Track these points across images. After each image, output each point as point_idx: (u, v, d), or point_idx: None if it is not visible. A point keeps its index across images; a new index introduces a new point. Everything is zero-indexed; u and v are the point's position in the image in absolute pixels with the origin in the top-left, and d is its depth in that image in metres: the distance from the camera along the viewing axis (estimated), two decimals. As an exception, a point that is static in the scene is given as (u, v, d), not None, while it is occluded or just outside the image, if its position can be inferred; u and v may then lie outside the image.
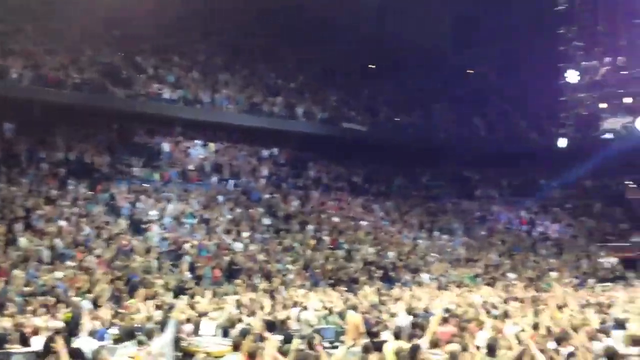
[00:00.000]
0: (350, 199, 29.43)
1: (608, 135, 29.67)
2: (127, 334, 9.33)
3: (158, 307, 12.76)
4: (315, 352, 7.48)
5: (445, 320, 10.92)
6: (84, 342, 9.01)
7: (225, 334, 11.29)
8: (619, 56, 23.57)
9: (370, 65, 36.72)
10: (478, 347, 8.27)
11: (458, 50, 36.87)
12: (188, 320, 11.76)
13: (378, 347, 8.88)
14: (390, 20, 34.06)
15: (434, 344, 8.88)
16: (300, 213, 25.93)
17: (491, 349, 7.75)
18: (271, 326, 11.53)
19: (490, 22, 34.35)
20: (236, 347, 8.02)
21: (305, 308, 13.28)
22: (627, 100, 25.44)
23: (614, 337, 9.01)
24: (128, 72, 26.70)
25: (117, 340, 9.80)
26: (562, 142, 29.16)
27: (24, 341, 10.20)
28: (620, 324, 10.11)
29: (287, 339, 9.06)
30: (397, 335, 9.28)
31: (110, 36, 28.19)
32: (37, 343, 9.75)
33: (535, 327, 9.47)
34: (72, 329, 10.92)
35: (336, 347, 9.33)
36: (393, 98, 35.31)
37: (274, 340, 8.55)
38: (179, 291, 16.12)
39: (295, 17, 31.85)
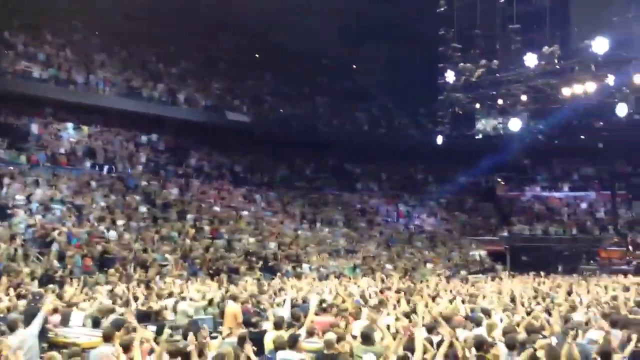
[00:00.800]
0: (232, 188, 28.98)
1: (481, 135, 31.44)
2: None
3: (22, 297, 11.83)
4: (197, 343, 7.12)
5: (323, 310, 10.86)
6: None
7: (96, 324, 10.61)
8: (494, 59, 24.83)
9: (255, 56, 36.34)
10: (354, 337, 8.24)
11: (343, 46, 37.32)
12: (56, 311, 10.94)
13: (256, 337, 8.63)
14: (276, 13, 33.83)
15: (312, 333, 8.77)
16: (179, 201, 25.15)
17: (366, 338, 7.73)
18: (146, 317, 10.96)
19: (375, 20, 35.05)
20: (107, 338, 7.66)
21: (182, 298, 12.78)
22: (500, 101, 26.92)
23: (483, 326, 9.31)
24: (-6, 48, 24.66)
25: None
26: (439, 139, 30.42)
27: None
28: (486, 314, 10.51)
29: (161, 330, 8.62)
30: (277, 325, 9.08)
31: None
32: None
33: (409, 316, 9.60)
34: None
35: (214, 338, 8.98)
36: (278, 90, 35.17)
37: (147, 331, 8.11)
38: (46, 280, 15.05)
39: (179, 2, 30.83)
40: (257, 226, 25.52)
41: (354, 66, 39.46)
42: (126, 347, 7.06)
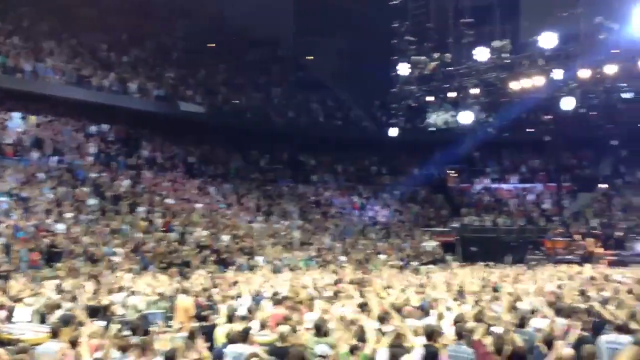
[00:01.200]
0: (185, 180, 28.61)
1: (434, 128, 31.87)
2: None
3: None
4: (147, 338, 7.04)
5: (277, 303, 10.85)
6: None
7: (43, 320, 10.36)
8: (446, 52, 25.16)
9: (209, 45, 35.88)
10: (308, 329, 8.27)
11: (298, 37, 37.29)
12: (1, 307, 10.64)
13: (208, 331, 8.58)
14: (231, 2, 33.52)
15: (265, 326, 8.77)
16: (130, 194, 24.69)
17: (319, 329, 7.78)
18: (94, 312, 10.74)
19: (330, 11, 35.10)
20: (55, 334, 7.54)
21: (132, 293, 12.58)
22: (452, 94, 27.31)
23: (433, 316, 9.48)
24: None
25: None
26: (393, 132, 30.69)
27: None
28: (436, 304, 10.68)
29: (111, 326, 8.47)
30: (229, 319, 9.04)
31: None
32: None
33: (362, 307, 9.69)
34: None
35: (166, 332, 8.87)
36: (232, 80, 34.85)
37: (95, 326, 7.96)
38: (-10, 275, 14.61)
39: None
40: (211, 219, 25.31)
41: (309, 57, 39.40)
42: (74, 343, 6.96)
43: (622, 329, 7.31)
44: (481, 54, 23.42)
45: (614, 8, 20.18)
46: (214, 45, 35.89)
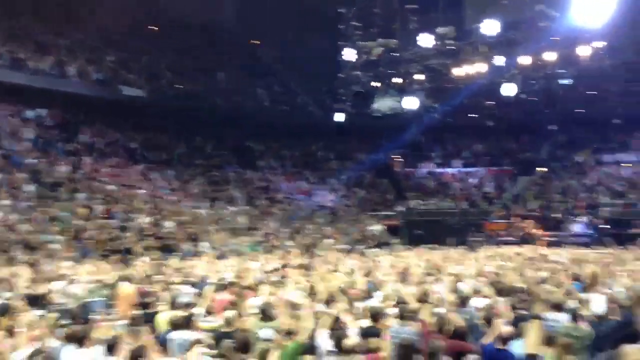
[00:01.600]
0: (127, 166, 27.97)
1: (380, 113, 32.13)
2: None
3: None
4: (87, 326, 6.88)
5: (222, 288, 10.74)
6: None
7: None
8: (392, 38, 25.35)
9: (152, 28, 35.03)
10: (253, 313, 8.23)
11: (244, 21, 36.75)
12: None
13: (150, 318, 8.42)
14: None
15: (211, 312, 8.68)
16: (69, 180, 23.96)
17: (265, 314, 7.76)
18: (33, 301, 10.40)
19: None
20: None
21: (72, 281, 12.23)
22: (397, 80, 27.59)
23: (377, 298, 9.59)
24: None
25: None
26: (340, 117, 30.82)
27: None
28: (381, 286, 10.82)
29: (49, 314, 8.22)
30: (171, 305, 8.91)
31: None
32: None
33: (309, 291, 9.71)
34: None
35: (107, 321, 8.67)
36: (176, 64, 34.16)
37: (33, 315, 7.71)
38: None
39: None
40: (154, 205, 24.83)
41: (256, 42, 38.99)
42: (10, 332, 6.75)
43: (557, 307, 7.58)
44: (426, 40, 23.72)
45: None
46: (156, 28, 35.05)
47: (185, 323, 7.48)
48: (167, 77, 32.93)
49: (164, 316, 8.36)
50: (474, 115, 33.59)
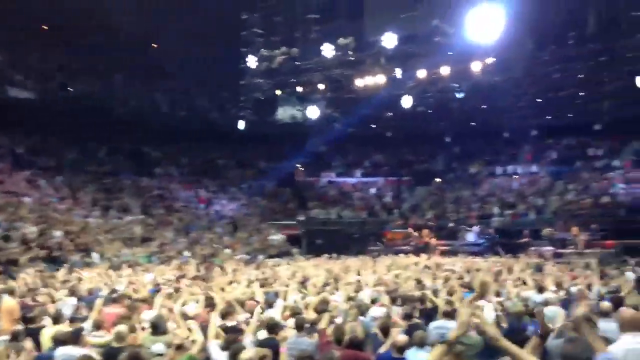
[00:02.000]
0: (13, 172, 26.24)
1: (282, 121, 32.13)
2: None
3: None
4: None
5: (113, 301, 10.22)
6: None
7: None
8: (294, 47, 25.39)
9: (42, 26, 33.17)
10: (144, 328, 7.85)
11: (142, 22, 35.58)
12: None
13: (34, 333, 7.85)
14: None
15: (100, 327, 8.18)
16: (-54, 186, 22.17)
17: (156, 328, 7.40)
18: None
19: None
20: None
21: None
22: (300, 89, 27.67)
23: (276, 308, 9.43)
24: None
25: None
26: (241, 124, 30.48)
27: None
28: (280, 296, 10.69)
29: None
30: (57, 320, 8.35)
31: None
32: None
33: (207, 303, 9.46)
34: None
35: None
36: (69, 65, 32.50)
37: None
38: None
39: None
40: (42, 214, 23.41)
41: (154, 44, 37.85)
42: None
43: (449, 314, 7.75)
44: (327, 50, 23.95)
45: (449, 12, 21.48)
46: (47, 27, 33.22)
47: (73, 338, 7.04)
48: (58, 78, 31.26)
49: (49, 331, 7.85)
50: (373, 126, 34.27)
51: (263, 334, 7.41)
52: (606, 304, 7.63)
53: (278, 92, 28.39)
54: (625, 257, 18.49)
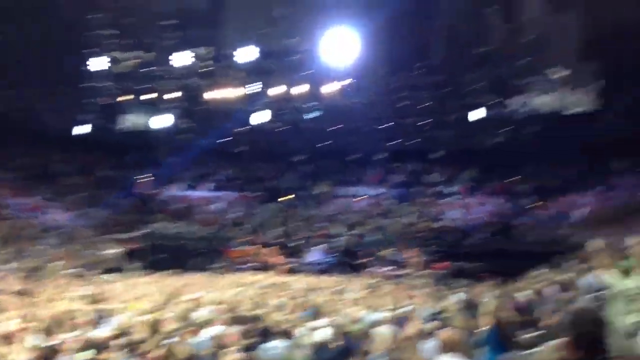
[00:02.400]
0: None
1: (128, 128, 30.71)
2: None
3: None
4: None
5: None
6: None
7: None
8: (146, 52, 24.46)
9: None
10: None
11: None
12: None
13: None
14: None
15: None
16: None
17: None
18: None
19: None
20: None
21: None
22: (149, 96, 26.69)
23: (103, 327, 8.79)
24: None
25: None
26: (83, 129, 28.70)
27: None
28: (112, 314, 10.04)
29: None
30: None
31: None
32: None
33: (26, 320, 8.63)
34: None
35: None
36: None
37: None
38: None
39: None
40: None
41: None
42: None
43: (285, 334, 7.64)
44: (182, 58, 23.34)
45: (307, 32, 21.86)
46: None
47: None
48: None
49: None
50: (226, 139, 33.82)
51: (89, 354, 6.91)
52: (432, 325, 7.89)
53: (126, 97, 27.15)
54: (457, 279, 19.60)
